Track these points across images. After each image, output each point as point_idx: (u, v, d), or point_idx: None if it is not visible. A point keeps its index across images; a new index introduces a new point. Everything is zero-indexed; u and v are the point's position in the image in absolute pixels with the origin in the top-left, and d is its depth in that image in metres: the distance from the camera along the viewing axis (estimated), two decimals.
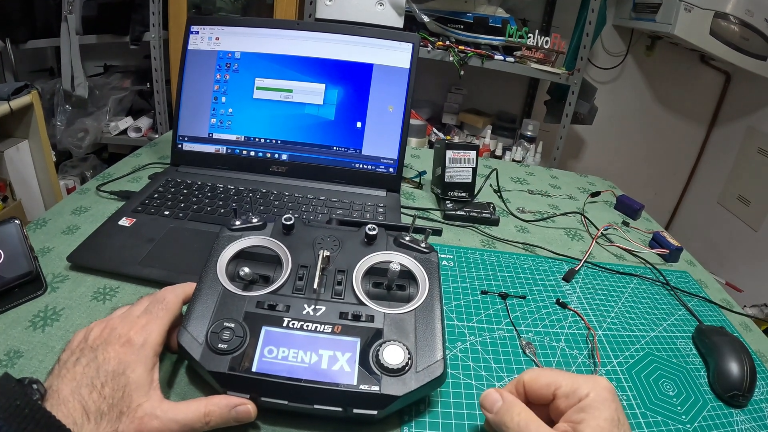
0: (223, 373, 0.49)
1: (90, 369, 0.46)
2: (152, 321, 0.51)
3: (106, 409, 0.44)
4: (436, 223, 0.98)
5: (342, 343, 0.53)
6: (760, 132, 2.76)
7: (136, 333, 0.49)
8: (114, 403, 0.45)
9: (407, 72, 0.98)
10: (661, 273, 0.94)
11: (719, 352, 0.71)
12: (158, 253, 0.74)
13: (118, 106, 2.39)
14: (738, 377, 0.67)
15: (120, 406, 0.45)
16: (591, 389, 0.45)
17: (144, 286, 0.69)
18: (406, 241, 0.63)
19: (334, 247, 0.63)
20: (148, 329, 0.50)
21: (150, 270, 0.70)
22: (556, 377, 0.47)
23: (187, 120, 1.01)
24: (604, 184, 1.41)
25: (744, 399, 0.66)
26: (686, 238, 3.20)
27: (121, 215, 0.81)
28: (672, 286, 0.90)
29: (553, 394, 0.47)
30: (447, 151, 1.00)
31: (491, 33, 2.12)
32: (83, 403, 0.43)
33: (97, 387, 0.45)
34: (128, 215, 0.82)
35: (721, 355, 0.70)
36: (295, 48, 0.99)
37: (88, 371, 0.46)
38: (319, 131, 0.99)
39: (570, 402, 0.46)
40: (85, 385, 0.44)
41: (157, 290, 0.56)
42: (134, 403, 0.46)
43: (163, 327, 0.52)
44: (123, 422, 0.44)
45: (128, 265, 0.71)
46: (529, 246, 0.95)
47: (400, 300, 0.59)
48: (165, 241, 0.77)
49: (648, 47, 2.78)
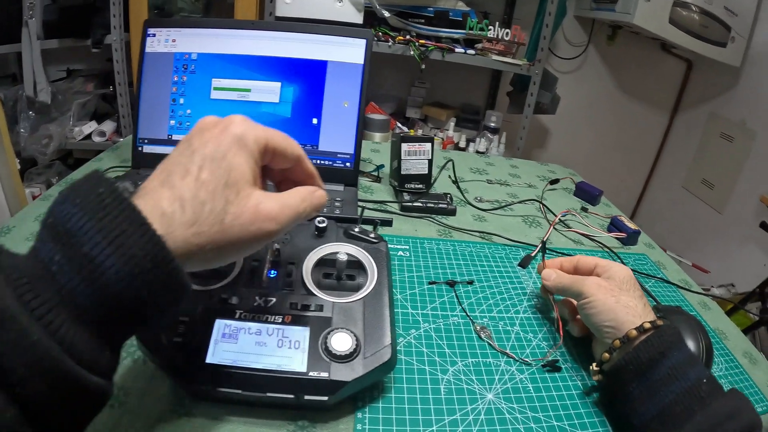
0: (178, 365, 0.50)
1: (183, 156, 0.41)
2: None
3: (206, 196, 0.39)
4: (393, 215, 0.99)
5: (292, 332, 0.54)
6: (721, 117, 2.82)
7: (236, 126, 0.43)
8: (215, 189, 0.39)
9: (361, 68, 0.99)
10: (619, 256, 0.97)
11: None
12: None
13: (82, 110, 2.36)
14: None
15: (224, 193, 0.39)
16: (616, 264, 0.68)
17: None
18: (355, 232, 0.64)
19: (285, 240, 0.64)
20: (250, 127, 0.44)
21: None
22: (598, 260, 0.71)
23: (146, 122, 1.01)
24: (565, 172, 1.44)
25: None
26: (653, 222, 3.27)
27: None
28: (646, 292, 0.91)
29: (593, 270, 0.70)
30: (402, 144, 1.02)
31: (452, 26, 2.15)
32: (175, 190, 0.38)
33: (192, 172, 0.39)
34: None
35: None
36: (250, 47, 0.99)
37: (180, 159, 0.40)
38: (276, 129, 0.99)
39: (602, 271, 0.68)
40: (177, 173, 0.39)
41: None
42: (243, 192, 0.41)
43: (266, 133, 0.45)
44: (230, 212, 0.39)
45: None
46: (485, 234, 0.97)
47: (350, 289, 0.60)
48: None
49: (609, 37, 2.83)
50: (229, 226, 0.39)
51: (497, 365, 0.65)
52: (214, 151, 0.41)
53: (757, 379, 0.73)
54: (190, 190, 0.38)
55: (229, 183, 0.40)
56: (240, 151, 0.41)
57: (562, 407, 0.60)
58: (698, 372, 0.54)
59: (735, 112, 2.74)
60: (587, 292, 0.64)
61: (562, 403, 0.61)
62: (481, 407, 0.58)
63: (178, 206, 0.38)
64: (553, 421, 0.58)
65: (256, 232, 0.41)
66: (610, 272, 0.67)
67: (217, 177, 0.39)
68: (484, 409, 0.58)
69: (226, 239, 0.40)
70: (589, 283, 0.65)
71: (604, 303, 0.62)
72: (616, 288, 0.64)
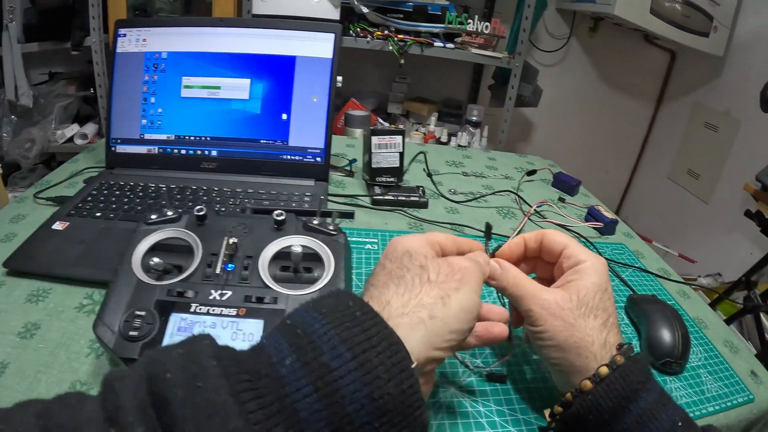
0: (134, 359, 0.51)
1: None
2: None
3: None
4: (364, 209, 0.99)
5: (246, 324, 0.54)
6: (706, 107, 2.83)
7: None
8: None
9: (330, 62, 0.99)
10: (594, 246, 0.97)
11: (650, 320, 0.71)
12: (88, 254, 0.75)
13: (64, 113, 2.35)
14: (669, 344, 0.67)
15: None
16: (589, 258, 0.54)
17: (76, 285, 0.70)
18: (314, 224, 0.64)
19: (243, 234, 0.64)
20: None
21: (80, 270, 0.71)
22: (569, 241, 0.56)
23: (118, 122, 1.01)
24: (543, 163, 1.44)
25: (678, 366, 0.66)
26: (639, 213, 3.28)
27: (55, 220, 0.82)
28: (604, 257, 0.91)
29: (560, 253, 0.56)
30: (373, 137, 1.02)
31: (431, 20, 2.14)
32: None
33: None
34: (62, 219, 0.82)
35: (652, 323, 0.70)
36: (220, 45, 0.99)
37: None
38: (246, 125, 1.00)
39: (570, 263, 0.54)
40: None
41: (100, 289, 0.57)
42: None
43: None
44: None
45: (60, 266, 0.72)
46: (457, 226, 0.97)
47: (308, 282, 0.60)
48: (95, 241, 0.78)
49: (591, 28, 2.83)
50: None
51: (453, 366, 0.63)
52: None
53: (737, 368, 0.71)
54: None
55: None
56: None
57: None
58: (670, 415, 0.46)
59: (719, 101, 2.75)
60: (534, 317, 0.51)
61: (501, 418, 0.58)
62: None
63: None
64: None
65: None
66: (578, 274, 0.53)
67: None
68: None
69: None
70: (539, 305, 0.51)
71: (553, 338, 0.49)
72: (575, 309, 0.50)
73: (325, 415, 0.31)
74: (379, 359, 0.33)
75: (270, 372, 0.32)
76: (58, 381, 0.54)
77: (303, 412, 0.31)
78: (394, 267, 0.45)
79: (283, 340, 0.34)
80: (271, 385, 0.31)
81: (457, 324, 0.41)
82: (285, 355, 0.32)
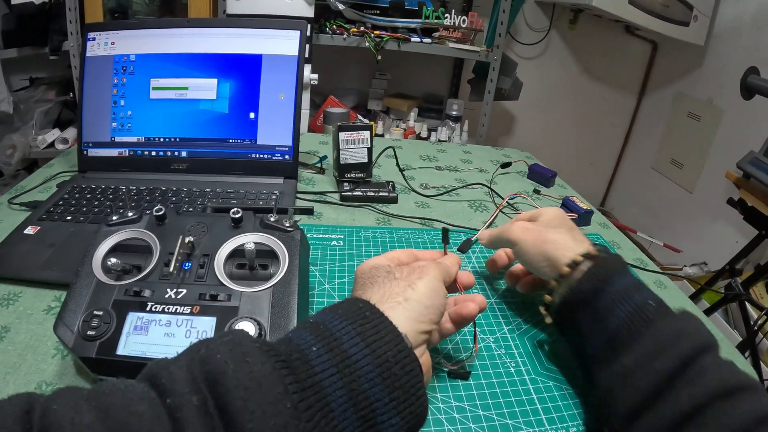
0: (91, 357, 0.52)
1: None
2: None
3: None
4: (332, 205, 0.99)
5: (199, 321, 0.55)
6: (688, 97, 2.84)
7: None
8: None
9: (296, 59, 0.99)
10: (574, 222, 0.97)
11: None
12: (58, 257, 0.76)
13: (45, 118, 2.34)
14: None
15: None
16: (544, 208, 0.71)
17: (45, 288, 0.70)
18: (271, 222, 0.64)
19: (202, 233, 0.64)
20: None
21: (49, 273, 0.72)
22: (536, 210, 0.72)
23: (90, 126, 1.01)
24: (520, 155, 1.44)
25: None
26: (625, 204, 3.29)
27: (27, 224, 0.82)
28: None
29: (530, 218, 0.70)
30: (340, 133, 1.01)
31: (408, 16, 2.14)
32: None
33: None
34: (33, 224, 0.82)
35: None
36: (187, 46, 0.99)
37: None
38: (214, 125, 1.00)
39: (534, 217, 0.70)
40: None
41: (61, 291, 0.58)
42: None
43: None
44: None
45: (30, 270, 0.72)
46: (426, 220, 0.97)
47: (263, 279, 0.60)
48: (65, 244, 0.78)
49: (571, 21, 2.84)
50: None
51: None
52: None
53: None
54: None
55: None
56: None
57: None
58: (644, 295, 0.54)
59: (701, 91, 2.76)
60: (513, 238, 0.66)
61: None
62: None
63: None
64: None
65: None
66: (538, 215, 0.69)
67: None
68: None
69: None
70: (514, 228, 0.67)
71: (532, 244, 0.64)
72: (542, 227, 0.65)
73: (345, 391, 0.38)
74: (387, 347, 0.41)
75: (300, 356, 0.39)
76: (26, 382, 0.55)
77: (328, 388, 0.37)
78: (366, 279, 0.54)
79: (307, 333, 0.41)
80: (302, 366, 0.38)
81: (428, 300, 0.49)
82: (311, 343, 0.40)
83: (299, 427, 0.35)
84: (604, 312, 0.54)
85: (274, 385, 0.35)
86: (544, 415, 0.58)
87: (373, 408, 0.39)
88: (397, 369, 0.40)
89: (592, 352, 0.56)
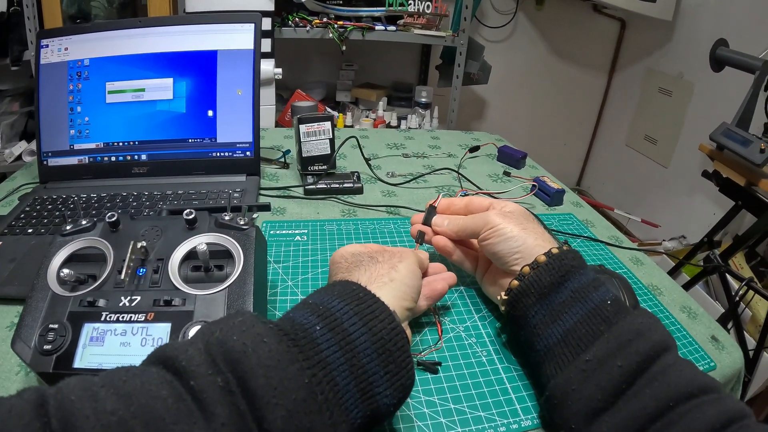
0: (48, 372, 0.50)
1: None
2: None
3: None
4: (297, 199, 0.98)
5: (154, 328, 0.53)
6: (658, 72, 2.85)
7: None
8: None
9: (251, 53, 0.97)
10: (538, 217, 0.96)
11: None
12: (19, 272, 0.73)
13: (11, 131, 2.29)
14: None
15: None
16: (511, 203, 0.68)
17: (7, 305, 0.68)
18: (225, 221, 0.63)
19: (156, 237, 0.63)
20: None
21: (9, 288, 0.70)
22: (494, 201, 0.69)
23: (48, 135, 0.98)
24: (490, 138, 1.43)
25: None
26: (601, 183, 3.30)
27: None
28: (546, 228, 0.90)
29: (488, 207, 0.68)
30: (300, 126, 1.00)
31: (372, 5, 2.13)
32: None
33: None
34: None
35: None
36: (140, 46, 0.97)
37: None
38: (173, 126, 0.98)
39: (500, 208, 0.67)
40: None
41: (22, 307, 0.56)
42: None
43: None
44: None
45: None
46: (393, 208, 0.96)
47: (219, 280, 0.59)
48: (26, 259, 0.76)
49: (538, 2, 2.83)
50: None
51: None
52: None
53: (696, 335, 0.70)
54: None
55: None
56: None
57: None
58: (602, 294, 0.55)
59: (671, 66, 2.78)
60: (493, 221, 0.64)
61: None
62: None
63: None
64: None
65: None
66: (508, 208, 0.66)
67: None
68: None
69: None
70: (494, 213, 0.65)
71: (512, 229, 0.62)
72: (521, 218, 0.65)
73: (347, 366, 0.41)
74: (381, 325, 0.45)
75: (306, 335, 0.41)
76: None
77: (333, 364, 0.41)
78: (349, 263, 0.57)
79: (309, 313, 0.44)
80: (309, 345, 0.41)
81: (410, 280, 0.55)
82: (314, 323, 0.43)
83: (317, 399, 0.38)
84: (561, 308, 0.55)
85: (291, 362, 0.38)
86: (518, 404, 0.57)
87: (370, 381, 0.42)
88: (391, 345, 0.44)
89: (543, 347, 0.56)
